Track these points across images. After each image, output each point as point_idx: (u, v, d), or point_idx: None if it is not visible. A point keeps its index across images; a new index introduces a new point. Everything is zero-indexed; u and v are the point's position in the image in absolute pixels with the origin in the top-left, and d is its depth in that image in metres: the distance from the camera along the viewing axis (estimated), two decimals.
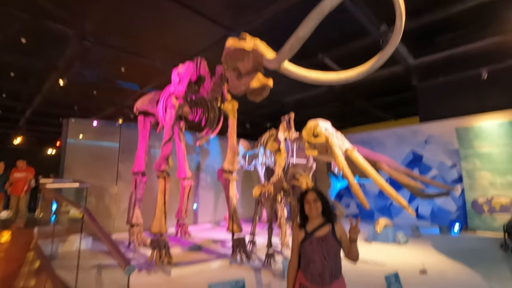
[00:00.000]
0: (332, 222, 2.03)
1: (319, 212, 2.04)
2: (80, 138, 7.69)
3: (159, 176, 4.81)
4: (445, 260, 4.92)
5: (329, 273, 1.92)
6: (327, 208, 2.07)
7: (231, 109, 5.30)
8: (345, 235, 2.02)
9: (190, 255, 5.36)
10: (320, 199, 2.07)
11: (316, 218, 2.06)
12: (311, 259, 1.96)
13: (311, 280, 1.94)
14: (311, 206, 2.03)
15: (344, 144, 5.50)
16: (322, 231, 2.00)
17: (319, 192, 2.11)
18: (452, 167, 8.48)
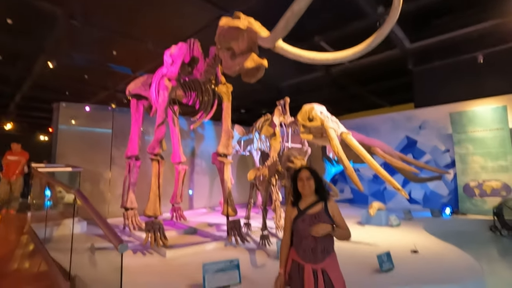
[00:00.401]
0: (325, 200, 2.01)
1: (312, 190, 2.02)
2: (72, 123, 7.55)
3: (152, 159, 4.76)
4: (436, 241, 5.03)
5: (321, 249, 1.92)
6: (320, 186, 2.05)
7: (226, 92, 5.21)
8: (337, 213, 2.01)
9: (185, 238, 5.39)
10: (314, 177, 2.05)
11: (309, 196, 2.04)
12: (304, 235, 1.96)
13: (303, 257, 1.94)
14: (304, 183, 2.02)
15: (339, 127, 5.49)
16: (315, 208, 1.99)
17: (312, 170, 2.09)
18: (445, 152, 8.56)
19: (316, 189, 2.04)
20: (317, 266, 1.89)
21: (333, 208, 2.01)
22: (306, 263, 1.92)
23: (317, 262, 1.90)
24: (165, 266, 3.75)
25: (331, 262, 1.95)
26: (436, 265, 3.71)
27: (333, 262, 1.98)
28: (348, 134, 5.34)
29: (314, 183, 2.03)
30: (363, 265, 3.63)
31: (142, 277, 3.38)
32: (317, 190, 2.05)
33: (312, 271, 1.90)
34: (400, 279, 3.21)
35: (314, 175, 2.06)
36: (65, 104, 7.55)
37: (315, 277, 1.88)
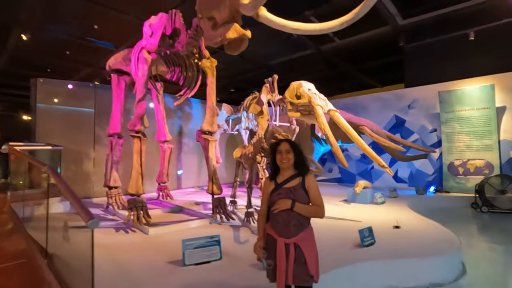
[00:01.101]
0: (303, 175, 1.92)
1: (290, 163, 1.93)
2: (51, 100, 7.22)
3: (134, 136, 4.60)
4: (418, 217, 5.12)
5: (295, 223, 1.84)
6: (299, 160, 1.96)
7: (210, 67, 5.00)
8: (314, 189, 1.91)
9: (170, 216, 5.35)
10: (293, 150, 1.95)
11: (287, 170, 1.95)
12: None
13: (276, 230, 1.89)
14: (283, 156, 1.92)
15: (327, 105, 5.39)
16: (292, 182, 1.91)
17: (292, 143, 1.99)
18: (432, 132, 8.62)
19: (295, 163, 1.95)
20: (290, 240, 1.83)
21: (310, 183, 1.92)
22: (279, 237, 1.86)
23: (290, 236, 1.83)
24: (147, 244, 3.71)
25: (305, 236, 1.87)
26: (417, 240, 3.77)
27: (308, 236, 1.90)
28: (336, 112, 5.25)
29: (294, 157, 1.94)
30: (345, 240, 3.66)
31: (123, 254, 3.32)
32: (296, 164, 1.95)
33: (285, 245, 1.84)
34: (380, 253, 3.25)
35: (294, 148, 1.96)
36: (42, 80, 7.19)
37: (287, 250, 1.83)
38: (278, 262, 1.84)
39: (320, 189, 1.96)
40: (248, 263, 2.95)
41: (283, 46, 9.30)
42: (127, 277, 2.70)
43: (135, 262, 3.06)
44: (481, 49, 7.99)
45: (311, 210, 1.88)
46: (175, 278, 2.66)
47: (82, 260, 3.11)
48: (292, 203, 1.80)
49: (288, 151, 1.94)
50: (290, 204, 1.81)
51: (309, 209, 1.87)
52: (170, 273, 2.77)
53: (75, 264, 2.95)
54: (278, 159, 1.96)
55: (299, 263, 1.81)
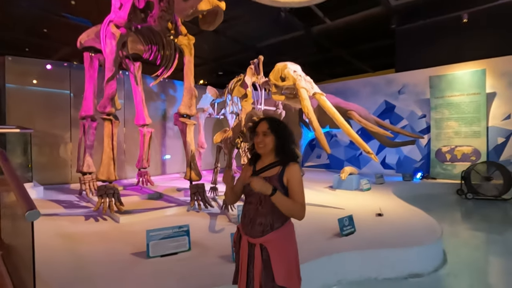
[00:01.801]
0: (283, 164, 1.55)
1: (268, 149, 1.57)
2: (22, 80, 6.76)
3: (104, 119, 4.27)
4: (402, 204, 5.01)
5: (261, 222, 1.52)
6: (280, 145, 1.58)
7: (187, 45, 4.65)
8: (294, 182, 1.53)
9: (147, 203, 5.12)
10: (274, 132, 1.57)
11: (267, 156, 1.61)
12: (248, 200, 1.62)
13: (242, 224, 1.62)
14: (259, 139, 1.57)
15: (313, 88, 5.13)
16: (270, 172, 1.57)
17: (274, 124, 1.59)
18: (421, 118, 8.48)
19: (275, 149, 1.59)
20: (254, 241, 1.53)
21: (291, 175, 1.54)
22: (244, 234, 1.58)
23: (254, 235, 1.53)
24: (115, 233, 3.48)
25: (275, 238, 1.52)
26: (398, 228, 3.65)
27: (280, 238, 1.53)
28: (322, 95, 5.01)
29: (274, 141, 1.57)
30: (324, 229, 3.50)
31: (86, 245, 3.10)
32: (277, 151, 1.59)
33: (248, 245, 1.55)
34: (360, 243, 3.10)
35: (275, 130, 1.57)
36: (11, 58, 6.69)
37: (250, 253, 1.54)
38: (240, 263, 1.58)
39: (308, 175, 1.66)
40: (218, 255, 2.76)
41: (272, 27, 8.89)
42: (83, 270, 2.48)
43: (97, 253, 2.84)
44: (474, 32, 7.76)
45: (291, 206, 1.49)
46: (134, 271, 2.46)
47: (40, 250, 2.87)
48: (273, 190, 1.42)
49: (266, 134, 1.56)
50: (270, 189, 1.42)
51: (289, 204, 1.48)
52: (130, 266, 2.55)
53: (26, 256, 2.71)
54: (255, 143, 1.62)
55: (267, 269, 1.50)
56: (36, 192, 5.68)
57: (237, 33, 9.18)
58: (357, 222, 3.53)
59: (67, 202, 5.20)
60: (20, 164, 6.19)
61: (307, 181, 7.38)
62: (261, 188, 1.42)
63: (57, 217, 4.20)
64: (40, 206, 4.85)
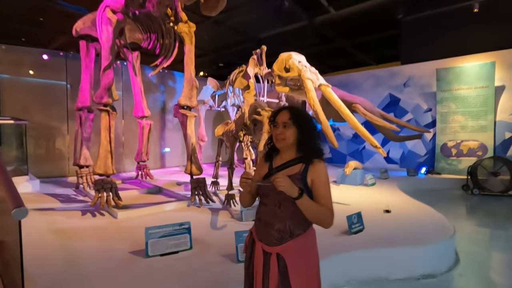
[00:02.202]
0: (307, 162, 1.35)
1: (289, 142, 1.36)
2: (17, 70, 6.52)
3: (101, 110, 4.08)
4: (409, 200, 4.87)
5: (279, 227, 1.31)
6: (304, 139, 1.36)
7: (187, 32, 4.42)
8: (320, 183, 1.33)
9: (146, 197, 4.97)
10: (296, 124, 1.35)
11: (287, 151, 1.40)
12: (264, 201, 1.41)
13: (256, 230, 1.41)
14: (278, 132, 1.36)
15: (318, 79, 4.94)
16: (290, 170, 1.36)
17: (296, 114, 1.38)
18: (427, 111, 8.29)
19: (298, 143, 1.38)
20: (270, 249, 1.33)
21: (316, 174, 1.33)
22: (258, 240, 1.38)
23: (270, 243, 1.33)
24: (112, 229, 3.33)
25: (294, 248, 1.31)
26: (408, 225, 3.50)
27: (298, 249, 1.32)
28: (327, 87, 4.81)
29: (296, 134, 1.36)
30: (330, 227, 3.35)
31: (81, 241, 2.95)
32: (298, 145, 1.38)
33: (263, 253, 1.35)
34: (369, 241, 2.96)
35: (298, 121, 1.36)
36: (4, 46, 6.45)
37: (266, 262, 1.35)
38: (255, 275, 1.39)
39: None
40: (220, 253, 2.61)
41: (274, 17, 8.63)
42: (76, 269, 2.33)
43: (92, 251, 2.69)
44: (484, 22, 7.51)
45: (318, 212, 1.28)
46: (131, 271, 2.31)
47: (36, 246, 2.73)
48: (300, 193, 1.23)
49: (287, 125, 1.35)
50: (296, 190, 1.23)
51: (316, 209, 1.28)
52: (128, 265, 2.41)
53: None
54: (273, 135, 1.42)
55: (284, 283, 1.30)
56: (32, 186, 5.52)
57: (238, 23, 8.92)
58: (364, 219, 3.38)
59: (64, 196, 5.04)
60: (15, 157, 6.03)
61: None
62: (287, 188, 1.21)
63: (52, 211, 4.05)
64: (35, 200, 4.71)
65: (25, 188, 5.38)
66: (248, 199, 1.49)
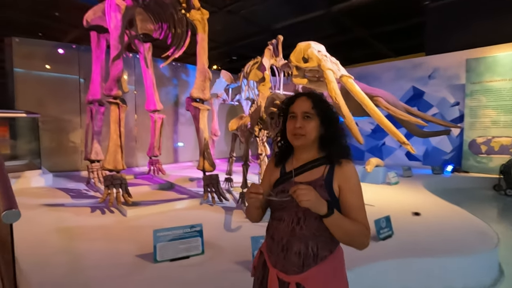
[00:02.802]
0: (332, 162, 1.07)
1: (310, 139, 1.07)
2: (29, 63, 6.46)
3: (111, 102, 3.91)
4: (438, 201, 4.49)
5: (299, 250, 1.02)
6: (330, 133, 1.08)
7: (200, 20, 4.17)
8: (352, 190, 1.06)
9: (158, 194, 4.81)
10: (320, 115, 1.07)
11: (305, 151, 1.11)
12: (278, 216, 1.10)
13: (270, 253, 1.10)
14: (296, 124, 1.06)
15: (340, 70, 4.59)
16: (311, 174, 1.08)
17: (320, 102, 1.09)
18: (454, 105, 7.74)
19: (321, 139, 1.09)
20: (288, 278, 1.04)
21: (345, 179, 1.05)
22: (272, 266, 1.09)
23: (288, 270, 1.04)
24: (120, 229, 3.16)
25: (319, 276, 1.02)
26: (442, 231, 3.15)
27: (324, 277, 1.03)
28: (349, 78, 4.45)
29: (319, 128, 1.08)
30: None
31: (86, 242, 2.77)
32: (322, 142, 1.10)
33: (279, 281, 1.06)
34: (400, 249, 2.65)
35: (321, 111, 1.07)
36: (18, 39, 6.40)
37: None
38: None
39: None
40: (235, 260, 2.37)
41: (290, 6, 8.24)
42: (78, 276, 2.14)
43: (97, 254, 2.50)
44: None
45: (352, 231, 0.99)
46: (138, 278, 2.10)
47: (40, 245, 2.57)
48: (329, 209, 0.95)
49: (309, 116, 1.06)
50: (325, 207, 0.94)
51: (349, 228, 0.99)
52: (133, 271, 2.20)
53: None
54: (288, 130, 1.09)
55: None
56: (45, 180, 5.46)
57: (252, 13, 8.58)
58: (392, 222, 3.06)
59: (75, 191, 4.94)
60: (29, 151, 6.01)
61: None
62: (314, 204, 0.92)
63: (62, 207, 3.93)
64: (47, 195, 4.62)
65: (37, 182, 5.32)
66: (257, 214, 1.19)
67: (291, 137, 1.09)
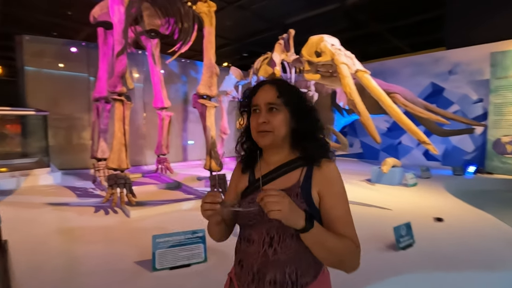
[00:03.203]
0: (310, 163, 0.86)
1: (279, 135, 0.86)
2: (39, 61, 6.46)
3: (115, 99, 3.79)
4: (461, 204, 4.16)
5: (275, 278, 0.81)
6: (304, 128, 0.88)
7: (207, 12, 3.99)
8: (334, 196, 0.83)
9: (164, 193, 4.68)
10: (289, 105, 0.86)
11: (276, 151, 0.90)
12: (246, 236, 0.89)
13: (239, 279, 0.88)
14: (260, 119, 0.85)
15: (355, 64, 4.32)
16: (284, 180, 0.87)
17: (288, 89, 0.88)
18: (477, 102, 7.29)
19: (294, 136, 0.89)
20: None
21: (326, 183, 0.83)
22: None
23: None
24: (122, 230, 3.02)
25: None
26: (470, 240, 2.86)
27: None
28: (365, 73, 4.19)
29: (290, 121, 0.87)
30: (371, 237, 2.81)
31: (85, 244, 2.65)
32: (296, 139, 0.89)
33: None
34: (422, 260, 2.39)
35: (290, 100, 0.86)
36: (28, 37, 6.40)
37: None
38: None
39: (339, 165, 0.91)
40: None
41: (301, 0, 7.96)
42: (71, 281, 2.01)
43: (94, 257, 2.37)
44: None
45: (339, 248, 0.78)
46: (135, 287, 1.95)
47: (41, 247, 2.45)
48: (308, 222, 0.73)
49: (275, 107, 0.85)
50: (301, 218, 0.73)
51: (334, 244, 0.77)
52: (130, 280, 2.04)
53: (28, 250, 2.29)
54: (252, 127, 0.88)
55: None
56: (54, 178, 5.44)
57: (262, 8, 8.34)
58: (413, 228, 2.80)
59: (81, 189, 4.88)
60: (39, 149, 6.01)
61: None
62: (286, 214, 0.70)
63: (66, 207, 3.84)
64: (53, 193, 4.58)
65: (46, 180, 5.30)
66: (219, 231, 0.94)
67: (256, 135, 0.87)
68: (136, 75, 7.59)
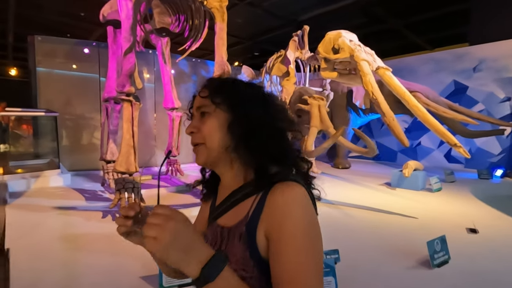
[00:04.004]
0: (263, 188, 0.61)
1: (213, 147, 0.65)
2: (51, 61, 6.43)
3: (123, 100, 3.64)
4: (493, 212, 3.83)
5: None
6: (253, 133, 0.62)
7: (218, 8, 3.79)
8: (281, 235, 0.54)
9: (174, 197, 4.51)
10: (224, 101, 0.64)
11: (222, 169, 0.70)
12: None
13: None
14: (187, 129, 0.70)
15: (375, 61, 4.05)
16: (235, 213, 0.64)
17: (220, 82, 0.70)
18: (504, 101, 6.84)
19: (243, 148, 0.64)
20: None
21: (273, 219, 0.56)
22: None
23: None
24: None
25: None
26: (509, 255, 2.56)
27: None
28: (387, 70, 3.91)
29: (233, 127, 0.64)
30: (399, 253, 2.54)
31: (90, 255, 2.49)
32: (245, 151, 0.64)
33: None
34: (461, 280, 2.11)
35: (227, 97, 0.65)
36: (40, 37, 6.37)
37: None
38: None
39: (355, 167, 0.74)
40: None
41: None
42: None
43: (97, 270, 2.20)
44: None
45: None
46: None
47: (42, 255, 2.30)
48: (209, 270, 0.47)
49: (205, 110, 0.66)
50: (194, 264, 0.47)
51: None
52: None
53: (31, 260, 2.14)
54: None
55: None
56: (63, 179, 5.36)
57: (274, 4, 8.10)
58: None
59: (90, 192, 4.77)
60: (49, 150, 5.97)
61: (355, 175, 6.33)
62: (162, 248, 0.46)
63: (72, 211, 3.71)
64: (61, 196, 4.48)
65: (55, 182, 5.23)
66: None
67: (195, 150, 0.68)
68: (146, 75, 7.49)
